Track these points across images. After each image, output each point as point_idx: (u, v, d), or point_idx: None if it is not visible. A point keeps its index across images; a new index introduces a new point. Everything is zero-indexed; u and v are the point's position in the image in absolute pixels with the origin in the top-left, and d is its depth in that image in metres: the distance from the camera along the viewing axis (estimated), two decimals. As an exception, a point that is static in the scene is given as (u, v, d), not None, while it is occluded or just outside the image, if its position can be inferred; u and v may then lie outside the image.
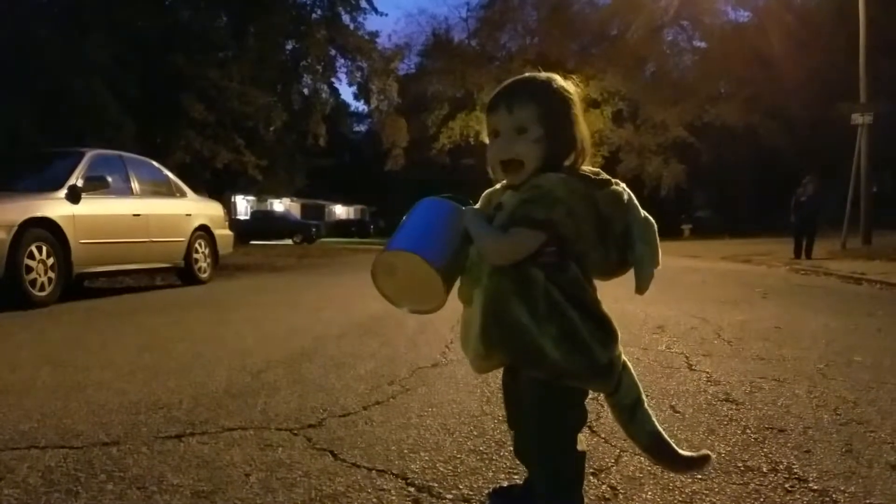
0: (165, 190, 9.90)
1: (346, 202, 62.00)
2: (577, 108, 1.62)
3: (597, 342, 1.52)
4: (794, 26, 32.72)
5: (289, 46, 25.51)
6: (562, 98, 1.60)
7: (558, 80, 1.63)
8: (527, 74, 1.67)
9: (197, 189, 11.54)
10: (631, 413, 1.63)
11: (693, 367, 3.68)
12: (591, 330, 1.52)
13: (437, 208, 1.63)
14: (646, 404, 1.64)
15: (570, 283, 1.52)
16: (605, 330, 1.55)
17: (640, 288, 1.59)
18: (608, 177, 1.59)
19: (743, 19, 37.46)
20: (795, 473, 2.10)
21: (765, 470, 2.13)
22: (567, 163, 1.58)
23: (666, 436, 1.65)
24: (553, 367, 1.49)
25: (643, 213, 1.60)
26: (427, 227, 1.59)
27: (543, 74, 1.66)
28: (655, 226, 1.60)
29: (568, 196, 1.49)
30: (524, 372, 1.57)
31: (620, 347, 1.59)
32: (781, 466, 2.16)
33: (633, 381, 1.62)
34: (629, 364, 1.63)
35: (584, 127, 1.62)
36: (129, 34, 17.08)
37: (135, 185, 9.07)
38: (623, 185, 1.60)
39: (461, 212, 1.59)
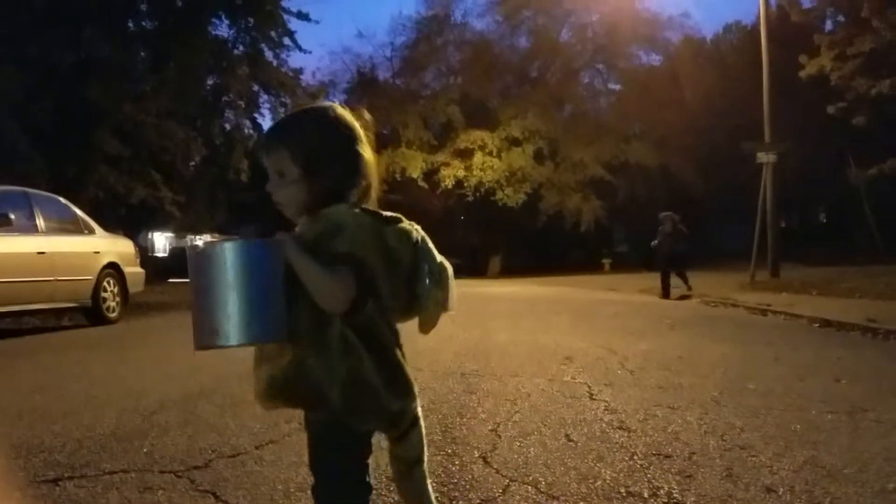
0: (73, 227, 9.53)
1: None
2: (354, 141, 1.56)
3: (388, 389, 1.45)
4: (704, 69, 34.35)
5: (210, 81, 25.17)
6: (323, 133, 1.54)
7: (325, 112, 1.58)
8: (296, 110, 1.61)
9: (111, 226, 11.17)
10: (409, 469, 1.55)
11: (594, 397, 3.74)
12: (384, 376, 1.45)
13: (252, 256, 1.37)
14: (425, 466, 1.57)
15: (366, 322, 1.44)
16: (399, 378, 1.48)
17: (422, 326, 1.53)
18: (398, 215, 1.53)
19: (655, 63, 38.98)
20: (675, 498, 2.15)
21: (645, 495, 2.17)
22: (354, 198, 1.51)
23: None
24: (335, 411, 1.42)
25: (439, 257, 1.54)
26: (251, 292, 1.35)
27: (308, 108, 1.61)
28: (450, 270, 1.54)
29: (357, 229, 1.43)
30: (307, 414, 1.51)
31: (417, 401, 1.52)
32: (662, 492, 2.21)
33: (420, 438, 1.55)
34: (422, 420, 1.55)
35: (367, 160, 1.55)
36: (42, 67, 16.56)
37: (40, 222, 8.71)
38: (415, 225, 1.54)
39: (281, 247, 1.39)
